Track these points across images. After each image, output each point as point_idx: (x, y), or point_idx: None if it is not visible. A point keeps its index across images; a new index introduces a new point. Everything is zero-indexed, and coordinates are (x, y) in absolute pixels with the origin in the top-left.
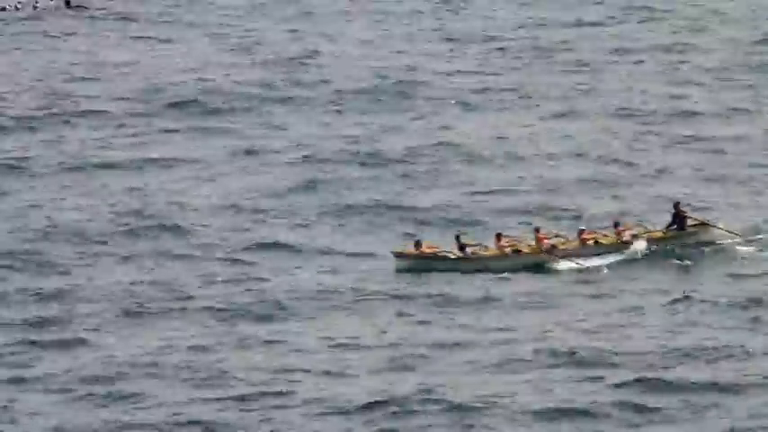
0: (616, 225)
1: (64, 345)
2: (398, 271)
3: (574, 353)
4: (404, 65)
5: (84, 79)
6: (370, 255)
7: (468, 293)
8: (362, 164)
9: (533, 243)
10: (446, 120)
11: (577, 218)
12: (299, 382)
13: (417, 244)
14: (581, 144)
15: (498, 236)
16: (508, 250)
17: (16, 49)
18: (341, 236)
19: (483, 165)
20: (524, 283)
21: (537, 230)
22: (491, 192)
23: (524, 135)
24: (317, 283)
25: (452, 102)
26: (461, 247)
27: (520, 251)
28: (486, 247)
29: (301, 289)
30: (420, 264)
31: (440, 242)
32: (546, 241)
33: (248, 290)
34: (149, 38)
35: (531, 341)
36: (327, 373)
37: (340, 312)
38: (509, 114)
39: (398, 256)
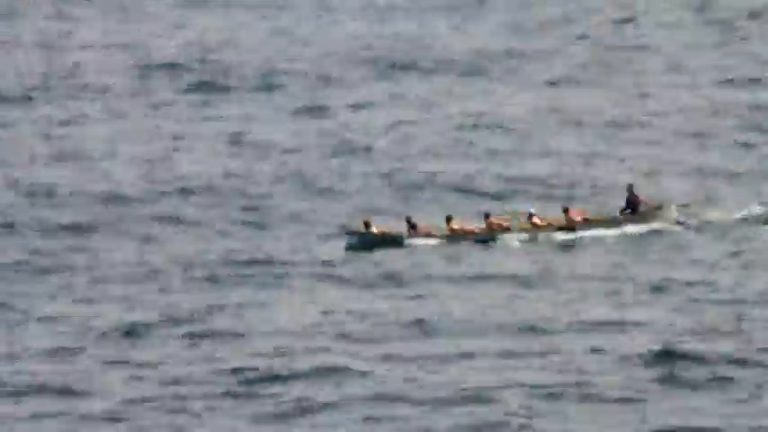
0: (566, 210)
1: None
2: (349, 249)
3: (525, 327)
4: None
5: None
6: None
7: (414, 271)
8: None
9: (483, 226)
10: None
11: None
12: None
13: (367, 224)
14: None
15: (449, 218)
16: (460, 232)
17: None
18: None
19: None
20: (472, 260)
21: (487, 216)
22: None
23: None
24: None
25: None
26: (412, 227)
27: (471, 231)
28: (436, 227)
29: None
30: (370, 242)
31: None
32: (496, 224)
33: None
34: None
35: (481, 314)
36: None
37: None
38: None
39: (350, 234)
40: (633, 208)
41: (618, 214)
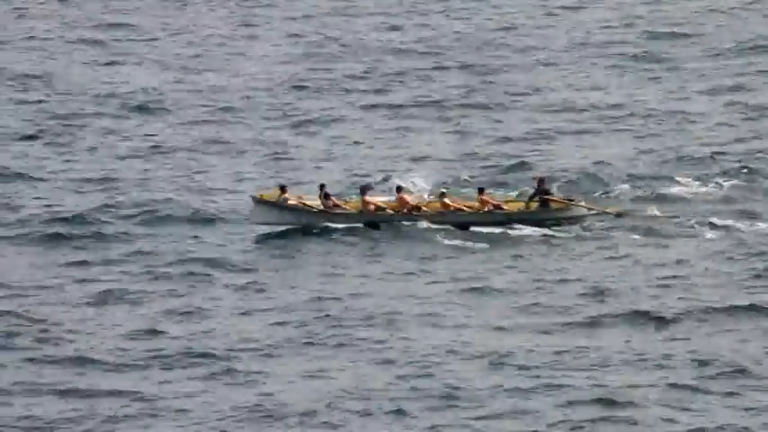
0: (481, 191)
1: None
2: (254, 219)
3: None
4: None
5: None
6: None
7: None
8: None
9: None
10: None
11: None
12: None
13: (282, 188)
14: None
15: (363, 189)
16: (371, 207)
17: None
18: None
19: None
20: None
21: (399, 189)
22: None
23: None
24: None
25: None
26: (325, 196)
27: (384, 209)
28: (348, 200)
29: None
30: (279, 215)
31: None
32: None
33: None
34: None
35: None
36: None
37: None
38: None
39: (258, 201)
40: (542, 201)
41: (525, 204)
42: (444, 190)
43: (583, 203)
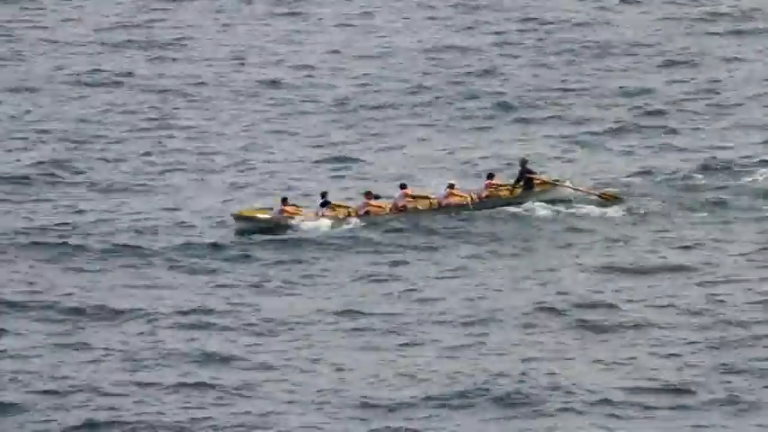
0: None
1: None
2: (240, 234)
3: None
4: None
5: None
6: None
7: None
8: None
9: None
10: None
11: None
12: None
13: (284, 200)
14: None
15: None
16: (369, 209)
17: None
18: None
19: None
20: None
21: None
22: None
23: None
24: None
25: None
26: (325, 204)
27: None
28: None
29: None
30: (260, 227)
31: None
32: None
33: None
34: None
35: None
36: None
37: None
38: None
39: (238, 218)
40: (527, 182)
41: (511, 188)
42: (453, 182)
43: (568, 184)
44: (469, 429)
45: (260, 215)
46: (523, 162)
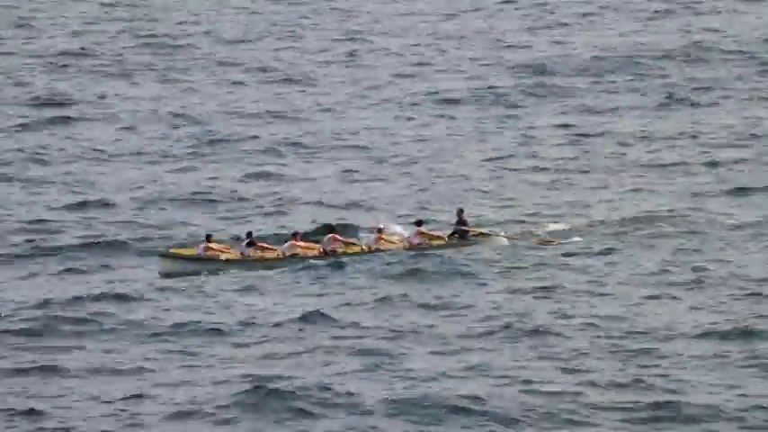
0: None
1: None
2: (163, 275)
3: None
4: None
5: None
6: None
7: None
8: None
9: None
10: None
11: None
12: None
13: (208, 237)
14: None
15: (294, 235)
16: (297, 250)
17: None
18: None
19: None
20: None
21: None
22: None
23: None
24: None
25: None
26: (250, 244)
27: (302, 255)
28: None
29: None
30: (189, 266)
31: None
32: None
33: None
34: None
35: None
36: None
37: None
38: None
39: (163, 256)
40: (462, 233)
41: (446, 239)
42: (381, 226)
43: (502, 234)
44: None
45: (185, 253)
46: (459, 212)
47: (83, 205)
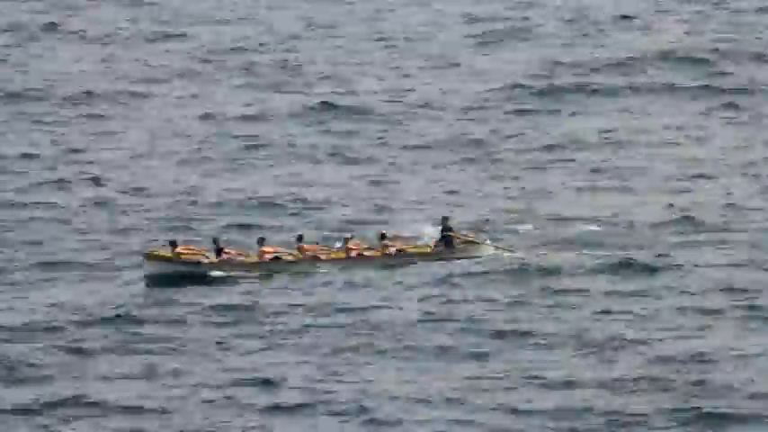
0: (383, 237)
1: None
2: (149, 276)
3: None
4: None
5: None
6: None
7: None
8: None
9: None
10: None
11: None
12: None
13: (173, 244)
14: None
15: (261, 240)
16: (268, 257)
17: None
18: None
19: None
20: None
21: (300, 238)
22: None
23: None
24: None
25: None
26: (218, 251)
27: (279, 258)
28: (247, 253)
29: None
30: (173, 267)
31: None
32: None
33: None
34: None
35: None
36: None
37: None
38: None
39: (150, 258)
40: (448, 240)
41: (431, 247)
42: (348, 235)
43: (488, 242)
44: None
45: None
46: (445, 220)
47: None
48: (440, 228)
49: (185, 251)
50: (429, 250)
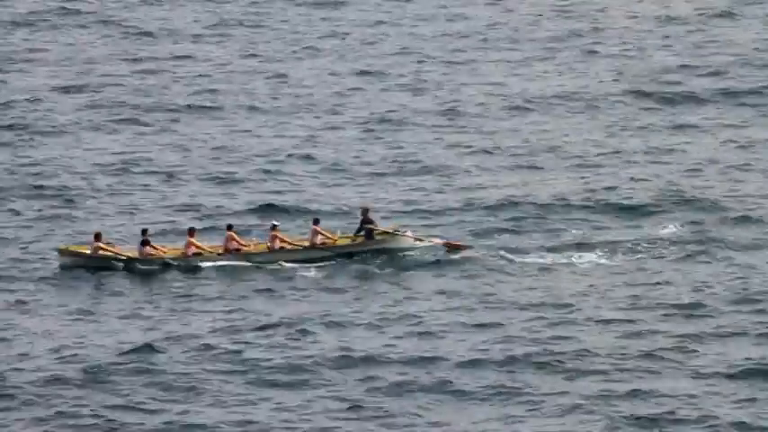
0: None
1: None
2: (64, 268)
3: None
4: None
5: None
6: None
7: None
8: None
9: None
10: None
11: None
12: None
13: (97, 236)
14: None
15: (191, 231)
16: (191, 251)
17: None
18: None
19: None
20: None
21: (229, 228)
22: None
23: None
24: None
25: None
26: (144, 243)
27: (201, 253)
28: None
29: None
30: (87, 262)
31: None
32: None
33: None
34: None
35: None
36: None
37: None
38: None
39: (62, 253)
40: (368, 232)
41: (353, 237)
42: (276, 223)
43: (409, 234)
44: None
45: (82, 250)
46: (365, 211)
47: None
48: (360, 219)
49: (105, 248)
50: (352, 242)
